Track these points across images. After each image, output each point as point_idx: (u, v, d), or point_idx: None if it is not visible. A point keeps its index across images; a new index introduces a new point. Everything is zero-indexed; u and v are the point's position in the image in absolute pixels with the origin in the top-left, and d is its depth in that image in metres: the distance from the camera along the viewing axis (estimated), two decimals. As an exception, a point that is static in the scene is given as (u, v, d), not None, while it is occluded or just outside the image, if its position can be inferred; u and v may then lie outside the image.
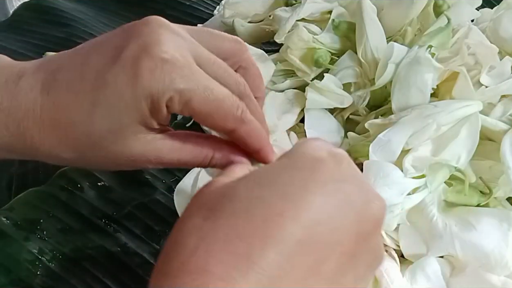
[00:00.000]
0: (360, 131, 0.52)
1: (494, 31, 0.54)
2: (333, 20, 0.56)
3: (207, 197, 0.27)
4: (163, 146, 0.34)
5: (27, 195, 0.51)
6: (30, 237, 0.48)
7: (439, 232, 0.42)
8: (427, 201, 0.43)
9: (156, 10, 0.80)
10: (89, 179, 0.53)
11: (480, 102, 0.46)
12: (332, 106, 0.53)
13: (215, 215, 0.26)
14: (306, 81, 0.56)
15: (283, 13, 0.60)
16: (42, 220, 0.49)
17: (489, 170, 0.46)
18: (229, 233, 0.25)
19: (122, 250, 0.48)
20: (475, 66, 0.51)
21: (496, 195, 0.45)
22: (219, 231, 0.25)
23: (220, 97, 0.32)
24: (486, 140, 0.47)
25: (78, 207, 0.51)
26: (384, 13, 0.55)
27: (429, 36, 0.50)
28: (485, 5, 0.61)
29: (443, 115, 0.44)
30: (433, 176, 0.43)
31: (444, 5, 0.54)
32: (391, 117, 0.47)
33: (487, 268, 0.42)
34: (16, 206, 0.50)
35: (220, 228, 0.25)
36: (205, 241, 0.25)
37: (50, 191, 0.52)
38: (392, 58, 0.49)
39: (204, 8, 0.81)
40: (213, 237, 0.25)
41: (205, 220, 0.26)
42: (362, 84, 0.54)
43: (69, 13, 0.79)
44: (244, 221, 0.25)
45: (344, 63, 0.55)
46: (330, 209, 0.26)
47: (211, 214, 0.26)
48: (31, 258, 0.47)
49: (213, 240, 0.24)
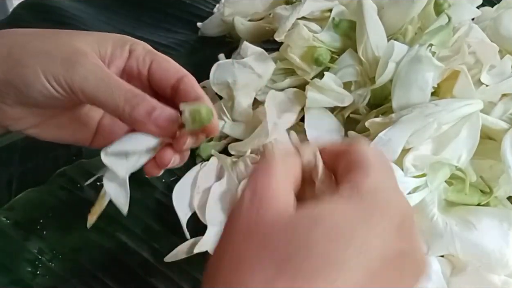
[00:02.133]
0: (360, 130, 0.52)
1: (494, 30, 0.54)
2: (333, 19, 0.56)
3: (275, 238, 0.25)
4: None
5: (27, 195, 0.51)
6: (30, 237, 0.48)
7: (439, 231, 0.42)
8: (427, 200, 0.43)
9: (156, 8, 0.81)
10: (88, 179, 0.53)
11: (481, 101, 0.46)
12: (332, 105, 0.53)
13: (292, 271, 0.24)
14: (306, 79, 0.56)
15: (283, 12, 0.60)
16: (42, 220, 0.49)
17: (489, 169, 0.46)
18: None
19: (122, 250, 0.48)
20: (476, 64, 0.50)
21: (497, 194, 0.45)
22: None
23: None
24: (487, 139, 0.47)
25: (77, 206, 0.51)
26: (384, 12, 0.55)
27: (429, 35, 0.50)
28: (486, 4, 0.61)
29: (443, 114, 0.44)
30: (434, 175, 0.43)
31: (444, 4, 0.54)
32: (391, 116, 0.47)
33: (487, 267, 0.42)
34: (16, 206, 0.50)
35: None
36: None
37: (50, 190, 0.52)
38: (393, 56, 0.49)
39: (204, 7, 0.81)
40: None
41: (280, 275, 0.24)
42: (363, 83, 0.54)
43: (69, 12, 0.79)
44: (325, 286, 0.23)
45: (345, 61, 0.55)
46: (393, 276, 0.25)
47: (285, 268, 0.24)
48: (31, 258, 0.47)
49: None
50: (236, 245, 0.25)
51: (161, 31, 0.75)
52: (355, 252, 0.24)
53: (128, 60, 0.39)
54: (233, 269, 0.25)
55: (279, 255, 0.24)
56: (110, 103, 0.36)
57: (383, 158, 0.30)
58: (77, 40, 0.38)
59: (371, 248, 0.25)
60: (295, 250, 0.24)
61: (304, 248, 0.24)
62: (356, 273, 0.24)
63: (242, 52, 0.58)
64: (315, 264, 0.24)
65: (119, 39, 0.40)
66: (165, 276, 0.46)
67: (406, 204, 0.28)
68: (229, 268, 0.25)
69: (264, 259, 0.24)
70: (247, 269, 0.24)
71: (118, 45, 0.39)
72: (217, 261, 0.26)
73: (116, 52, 0.39)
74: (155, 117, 0.35)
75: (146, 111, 0.35)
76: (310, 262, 0.24)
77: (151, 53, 0.39)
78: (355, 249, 0.24)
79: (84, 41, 0.38)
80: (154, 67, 0.39)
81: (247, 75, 0.55)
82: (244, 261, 0.25)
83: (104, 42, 0.39)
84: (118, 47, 0.39)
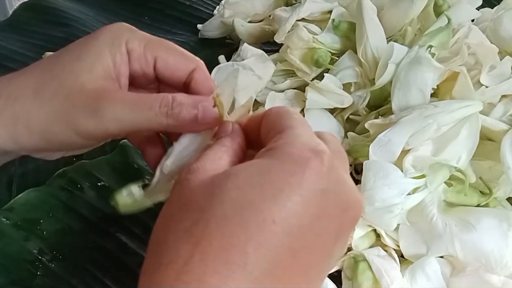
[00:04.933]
0: (360, 131, 0.52)
1: (494, 31, 0.54)
2: (333, 20, 0.56)
3: (193, 195, 0.27)
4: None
5: (27, 195, 0.51)
6: (30, 237, 0.48)
7: (439, 232, 0.42)
8: (427, 201, 0.43)
9: (156, 10, 0.81)
10: (89, 179, 0.53)
11: (480, 102, 0.46)
12: (332, 106, 0.53)
13: (206, 219, 0.25)
14: (306, 81, 0.56)
15: (283, 13, 0.60)
16: (42, 220, 0.49)
17: (489, 170, 0.46)
18: (222, 240, 0.24)
19: (122, 250, 0.48)
20: (475, 66, 0.51)
21: (496, 195, 0.45)
22: (212, 238, 0.24)
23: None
24: (486, 140, 0.47)
25: (78, 207, 0.51)
26: (384, 13, 0.55)
27: (429, 36, 0.51)
28: (485, 5, 0.61)
29: (443, 115, 0.44)
30: (433, 176, 0.43)
31: (444, 5, 0.54)
32: (391, 117, 0.47)
33: (487, 268, 0.42)
34: (16, 206, 0.50)
35: (213, 234, 0.24)
36: (198, 248, 0.24)
37: (50, 191, 0.52)
38: (392, 58, 0.49)
39: (204, 8, 0.81)
40: (207, 245, 0.24)
41: (196, 224, 0.25)
42: (362, 84, 0.54)
43: (69, 13, 0.79)
44: (238, 227, 0.24)
45: (344, 63, 0.55)
46: (314, 216, 0.26)
47: (200, 217, 0.25)
48: (31, 258, 0.47)
49: (207, 248, 0.24)
50: (167, 210, 0.28)
51: (161, 33, 0.75)
52: (265, 195, 0.25)
53: (131, 64, 0.37)
54: (162, 230, 0.27)
55: (196, 207, 0.26)
56: (154, 125, 0.35)
57: (294, 114, 0.31)
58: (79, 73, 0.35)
59: (283, 189, 0.26)
60: (209, 200, 0.26)
61: (217, 197, 0.26)
62: (268, 213, 0.25)
63: (242, 54, 0.58)
64: (227, 210, 0.25)
65: (111, 43, 0.37)
66: (165, 276, 0.46)
67: (320, 147, 0.28)
68: (160, 231, 0.27)
69: (184, 214, 0.26)
70: (172, 226, 0.26)
71: (117, 52, 0.37)
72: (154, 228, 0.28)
73: (116, 59, 0.37)
74: (202, 118, 0.35)
75: (191, 117, 0.35)
76: (222, 209, 0.25)
77: (150, 47, 0.37)
78: (265, 192, 0.25)
79: (86, 70, 0.35)
80: (160, 67, 0.37)
81: (247, 77, 0.55)
82: (171, 221, 0.26)
83: (103, 59, 0.36)
84: (117, 54, 0.37)
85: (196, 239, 0.25)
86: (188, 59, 0.38)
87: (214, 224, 0.25)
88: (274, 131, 0.30)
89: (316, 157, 0.27)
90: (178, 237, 0.25)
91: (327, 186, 0.27)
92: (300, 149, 0.28)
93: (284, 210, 0.25)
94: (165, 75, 0.38)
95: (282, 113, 0.31)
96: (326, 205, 0.27)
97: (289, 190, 0.26)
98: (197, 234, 0.25)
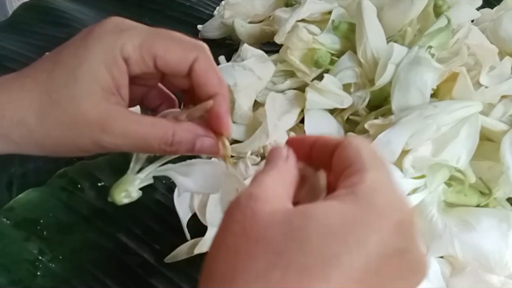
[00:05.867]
0: (360, 131, 0.52)
1: (494, 32, 0.55)
2: (333, 21, 0.56)
3: (267, 231, 0.25)
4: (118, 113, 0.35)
5: (27, 195, 0.51)
6: (30, 237, 0.48)
7: (438, 232, 0.42)
8: (426, 201, 0.43)
9: (156, 10, 0.81)
10: (89, 180, 0.53)
11: (480, 103, 0.46)
12: (332, 106, 0.53)
13: (284, 265, 0.23)
14: (306, 81, 0.56)
15: (283, 14, 0.60)
16: (42, 220, 0.49)
17: (488, 170, 0.46)
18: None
19: (122, 250, 0.48)
20: (475, 66, 0.51)
21: (496, 196, 0.45)
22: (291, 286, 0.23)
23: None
24: (486, 140, 0.47)
25: (78, 207, 0.51)
26: (384, 14, 0.55)
27: (429, 37, 0.51)
28: (485, 6, 0.61)
29: (443, 115, 0.44)
30: (433, 176, 0.43)
31: (444, 6, 0.54)
32: (391, 118, 0.47)
33: (486, 268, 0.42)
34: (16, 206, 0.50)
35: (292, 283, 0.23)
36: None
37: (50, 191, 0.52)
38: (392, 58, 0.50)
39: (204, 9, 0.81)
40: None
41: (272, 268, 0.24)
42: (362, 85, 0.54)
43: (69, 13, 0.79)
44: (319, 281, 0.23)
45: (344, 63, 0.55)
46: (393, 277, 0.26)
47: (278, 261, 0.24)
48: (31, 258, 0.47)
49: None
50: (231, 241, 0.25)
51: (161, 33, 0.76)
52: (350, 248, 0.24)
53: (130, 70, 0.36)
54: (228, 264, 0.25)
55: (272, 249, 0.24)
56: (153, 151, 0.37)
57: (377, 154, 0.29)
58: (80, 101, 0.35)
59: (367, 245, 0.24)
60: (288, 244, 0.24)
61: (297, 242, 0.24)
62: (351, 269, 0.24)
63: (242, 55, 0.58)
64: (309, 259, 0.24)
65: (105, 56, 0.35)
66: (165, 276, 0.46)
67: (405, 203, 0.27)
68: (224, 264, 0.25)
69: (257, 253, 0.24)
70: (241, 263, 0.24)
71: (113, 66, 0.35)
72: (212, 258, 0.26)
73: (114, 74, 0.35)
74: (198, 150, 0.36)
75: (188, 150, 0.36)
76: (303, 257, 0.24)
77: (147, 48, 0.36)
78: (350, 246, 0.24)
79: (86, 97, 0.35)
80: (160, 65, 0.36)
81: (248, 78, 0.55)
82: (238, 256, 0.25)
83: (101, 78, 0.35)
84: (114, 68, 0.35)
85: (273, 285, 0.23)
86: (188, 49, 0.37)
87: (294, 273, 0.23)
88: (354, 167, 0.28)
89: (402, 214, 0.26)
90: (251, 279, 0.24)
91: (405, 246, 0.26)
92: (386, 202, 0.27)
93: (367, 268, 0.24)
94: (166, 71, 0.37)
95: (365, 149, 0.29)
96: (402, 266, 0.26)
97: (374, 248, 0.25)
98: (274, 280, 0.23)
